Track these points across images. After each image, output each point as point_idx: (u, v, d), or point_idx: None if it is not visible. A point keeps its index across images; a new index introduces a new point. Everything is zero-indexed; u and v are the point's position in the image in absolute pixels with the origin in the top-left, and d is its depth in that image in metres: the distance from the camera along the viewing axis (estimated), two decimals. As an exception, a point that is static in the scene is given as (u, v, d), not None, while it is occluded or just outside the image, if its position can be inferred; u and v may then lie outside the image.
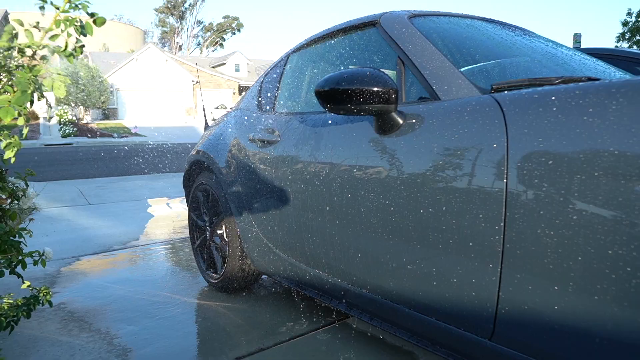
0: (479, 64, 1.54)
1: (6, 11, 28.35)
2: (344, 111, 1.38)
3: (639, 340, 0.88)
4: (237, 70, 39.43)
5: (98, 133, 22.78)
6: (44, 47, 1.29)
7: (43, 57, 1.39)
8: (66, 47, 1.25)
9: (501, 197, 1.08)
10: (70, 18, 1.20)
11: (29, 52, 1.32)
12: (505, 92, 1.19)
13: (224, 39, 59.16)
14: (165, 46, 56.99)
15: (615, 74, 1.72)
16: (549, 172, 1.00)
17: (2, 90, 1.34)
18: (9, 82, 1.34)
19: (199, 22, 58.72)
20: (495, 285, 1.12)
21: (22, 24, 1.28)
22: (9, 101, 1.10)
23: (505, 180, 1.07)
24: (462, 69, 1.43)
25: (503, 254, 1.09)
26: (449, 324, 1.27)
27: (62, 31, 1.25)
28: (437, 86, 1.36)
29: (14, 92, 1.33)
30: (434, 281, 1.27)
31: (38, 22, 1.33)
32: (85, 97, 25.17)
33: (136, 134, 23.31)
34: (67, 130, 21.05)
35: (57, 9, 1.26)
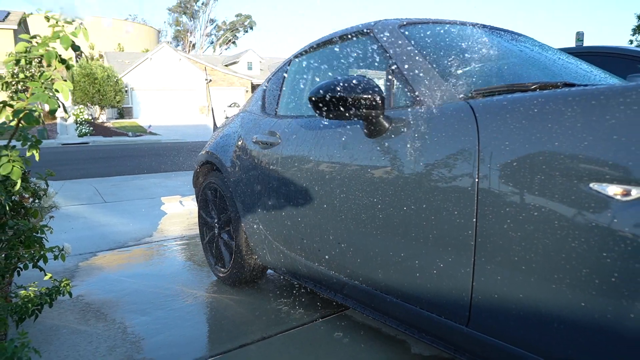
0: (463, 70, 1.64)
1: (24, 13, 28.90)
2: (335, 116, 1.50)
3: (590, 321, 0.98)
4: (249, 68, 39.66)
5: (113, 132, 23.17)
6: (41, 56, 1.40)
7: (49, 64, 1.51)
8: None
9: (473, 195, 1.19)
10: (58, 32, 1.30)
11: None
12: (480, 98, 1.30)
13: (237, 37, 59.49)
14: (178, 45, 57.53)
15: (595, 77, 1.81)
16: (513, 173, 1.11)
17: (17, 98, 1.47)
18: (23, 90, 1.47)
19: (212, 21, 59.24)
20: (469, 276, 1.23)
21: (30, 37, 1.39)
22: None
23: (476, 180, 1.18)
24: (447, 75, 1.53)
25: (475, 247, 1.20)
26: (431, 312, 1.38)
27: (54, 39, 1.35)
28: (421, 92, 1.47)
29: (28, 98, 1.46)
30: (417, 272, 1.38)
31: (35, 35, 1.44)
32: (100, 97, 25.61)
33: (150, 133, 23.66)
34: (83, 130, 21.46)
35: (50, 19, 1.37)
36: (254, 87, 37.52)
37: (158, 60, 33.27)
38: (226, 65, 39.94)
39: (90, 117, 24.75)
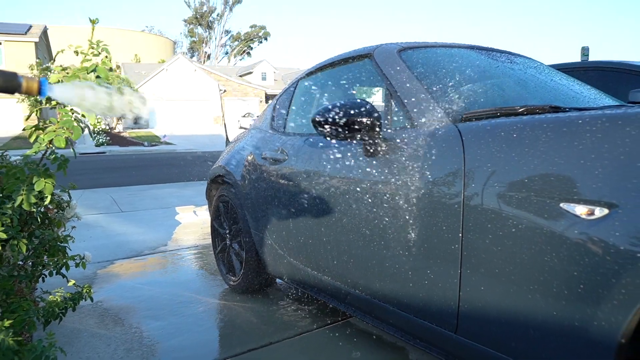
0: (455, 94, 1.75)
1: (45, 27, 29.69)
2: (336, 137, 1.63)
3: (560, 327, 1.08)
4: (263, 78, 40.18)
5: (129, 142, 23.59)
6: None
7: None
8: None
9: (459, 212, 1.30)
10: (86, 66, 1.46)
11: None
12: (467, 122, 1.41)
13: (251, 48, 60.31)
14: (194, 56, 58.45)
15: (585, 98, 1.90)
16: (494, 192, 1.22)
17: (48, 122, 1.63)
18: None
19: (227, 32, 60.13)
20: (456, 286, 1.33)
21: (64, 69, 1.55)
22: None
23: (462, 198, 1.29)
24: (440, 98, 1.64)
25: (461, 260, 1.31)
26: (424, 319, 1.49)
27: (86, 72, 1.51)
28: (415, 115, 1.59)
29: (58, 122, 1.62)
30: (410, 283, 1.49)
31: (69, 67, 1.61)
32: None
33: (166, 142, 24.04)
34: (100, 140, 21.91)
35: (83, 53, 1.53)
36: (267, 98, 37.94)
37: (174, 71, 33.87)
38: (240, 76, 40.47)
39: (107, 127, 25.25)
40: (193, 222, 4.98)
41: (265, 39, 59.44)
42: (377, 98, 2.66)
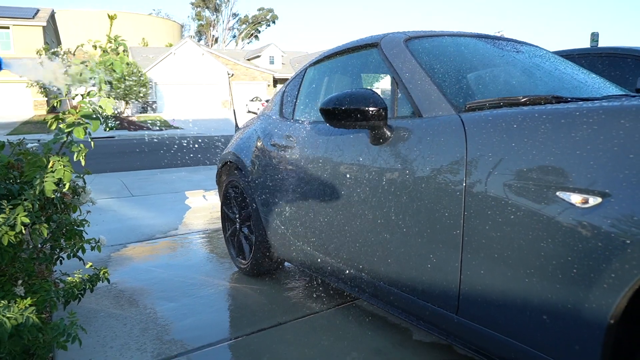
0: (460, 83, 1.79)
1: (52, 10, 29.68)
2: (344, 126, 1.68)
3: (555, 309, 1.14)
4: (271, 62, 40.01)
5: (138, 126, 23.72)
6: (94, 77, 1.63)
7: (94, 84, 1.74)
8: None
9: (461, 199, 1.35)
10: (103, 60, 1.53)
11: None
12: (471, 112, 1.45)
13: (259, 31, 59.98)
14: (201, 39, 58.25)
15: (588, 88, 1.93)
16: (495, 180, 1.27)
17: (68, 113, 1.70)
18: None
19: (234, 15, 59.90)
20: (457, 270, 1.39)
21: (84, 62, 1.62)
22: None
23: (464, 185, 1.35)
24: (444, 88, 1.68)
25: (462, 245, 1.36)
26: (427, 301, 1.55)
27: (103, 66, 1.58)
28: (421, 105, 1.63)
29: (77, 113, 1.70)
30: (414, 266, 1.55)
31: (85, 61, 1.68)
32: (126, 92, 26.26)
33: (174, 127, 24.14)
34: (109, 124, 22.06)
35: (101, 47, 1.60)
36: (275, 82, 37.82)
37: (181, 55, 33.82)
38: (248, 60, 40.31)
39: (116, 112, 25.39)
40: (203, 207, 5.06)
41: (273, 22, 59.07)
42: (384, 84, 2.69)
